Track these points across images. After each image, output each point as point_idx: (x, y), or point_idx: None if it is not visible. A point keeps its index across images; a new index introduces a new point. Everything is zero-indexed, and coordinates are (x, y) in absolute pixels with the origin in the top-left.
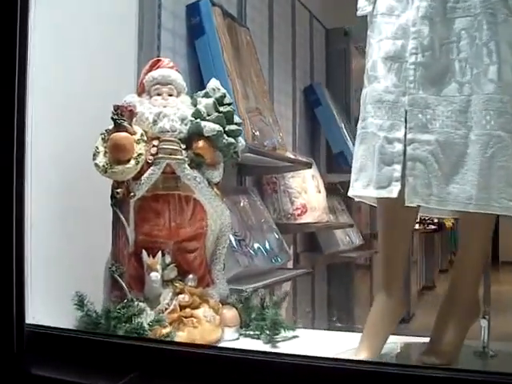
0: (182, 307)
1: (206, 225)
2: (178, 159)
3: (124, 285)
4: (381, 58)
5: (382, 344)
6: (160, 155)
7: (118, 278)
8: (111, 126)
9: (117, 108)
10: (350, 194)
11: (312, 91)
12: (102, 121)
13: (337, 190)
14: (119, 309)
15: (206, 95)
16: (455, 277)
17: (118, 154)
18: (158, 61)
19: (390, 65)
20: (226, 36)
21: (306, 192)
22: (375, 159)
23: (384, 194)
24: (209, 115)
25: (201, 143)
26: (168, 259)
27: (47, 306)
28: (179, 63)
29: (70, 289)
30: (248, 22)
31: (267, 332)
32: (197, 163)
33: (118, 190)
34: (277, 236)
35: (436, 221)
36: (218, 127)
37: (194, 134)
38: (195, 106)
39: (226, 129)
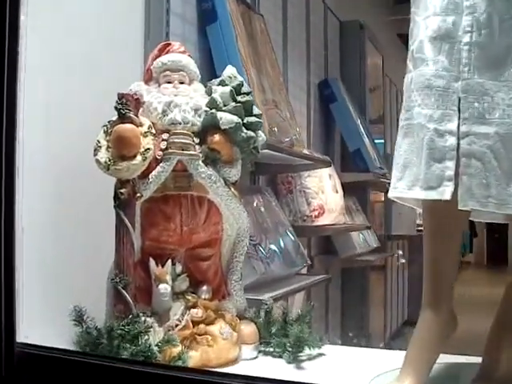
0: (195, 323)
1: (222, 229)
2: (191, 155)
3: (129, 298)
4: (428, 37)
5: (429, 369)
6: (170, 150)
7: (122, 290)
8: (115, 118)
9: (121, 96)
10: (390, 195)
11: (327, 86)
12: (104, 115)
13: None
14: (123, 325)
15: (222, 83)
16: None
17: (122, 148)
18: (168, 45)
19: (440, 45)
20: (240, 23)
21: (324, 192)
22: (423, 155)
23: (434, 195)
24: (225, 105)
25: (217, 137)
26: (179, 268)
27: (41, 322)
28: (189, 51)
29: (68, 303)
30: (261, 10)
31: (290, 350)
32: (212, 159)
33: (123, 190)
34: (293, 239)
35: None
36: (236, 119)
37: (209, 127)
38: (210, 95)
39: (245, 121)
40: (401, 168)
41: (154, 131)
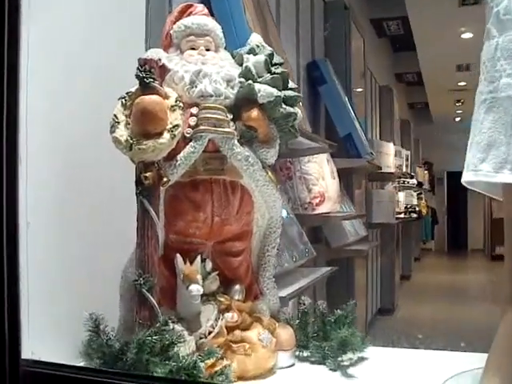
0: (230, 329)
1: (252, 219)
2: (226, 132)
3: (155, 302)
4: None
5: None
6: (202, 127)
7: (147, 293)
8: (133, 88)
9: (143, 62)
10: (468, 178)
11: (316, 67)
12: (106, 95)
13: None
14: (150, 335)
15: (252, 52)
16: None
17: (146, 124)
18: (190, 6)
19: None
20: None
21: (324, 178)
22: None
23: None
24: (260, 77)
25: (254, 112)
26: (209, 266)
27: (50, 336)
28: None
29: (81, 309)
30: None
31: (332, 355)
32: (248, 138)
33: (147, 175)
34: (297, 228)
35: (417, 209)
36: (275, 92)
37: (245, 100)
38: (241, 64)
39: (282, 95)
40: (484, 147)
41: (181, 105)
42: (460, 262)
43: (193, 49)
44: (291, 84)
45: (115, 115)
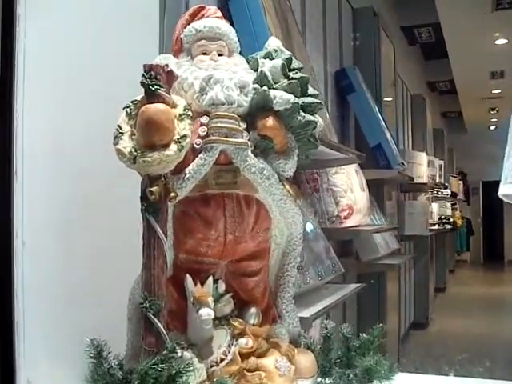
0: (244, 356)
1: (270, 236)
2: (239, 143)
3: (162, 327)
4: None
5: None
6: (212, 137)
7: (154, 317)
8: (139, 96)
9: (149, 69)
10: (505, 192)
11: (344, 75)
12: (115, 101)
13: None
14: (156, 363)
15: (269, 56)
16: None
17: (152, 135)
18: (202, 8)
19: None
20: None
21: (352, 190)
22: None
23: None
24: (276, 83)
25: (270, 121)
26: (222, 287)
27: (48, 363)
28: None
29: (81, 335)
30: None
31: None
32: (263, 149)
33: (153, 189)
34: (324, 243)
35: (451, 219)
36: (293, 98)
37: (260, 108)
38: (256, 70)
39: (301, 102)
40: None
41: (190, 113)
42: (496, 274)
43: (204, 53)
44: (311, 90)
45: (119, 125)
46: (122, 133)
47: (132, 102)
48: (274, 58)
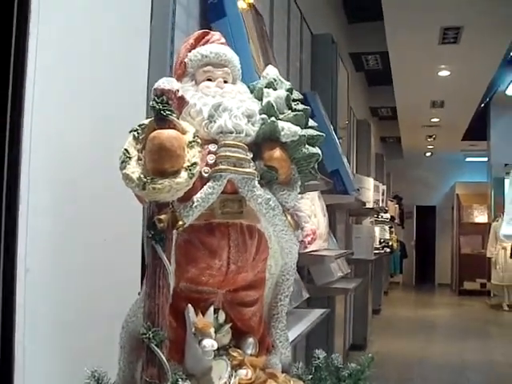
0: None
1: (266, 266)
2: (247, 173)
3: (165, 359)
4: None
5: None
6: (221, 166)
7: (157, 349)
8: (147, 120)
9: (161, 93)
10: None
11: (305, 101)
12: (108, 119)
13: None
14: None
15: (271, 86)
16: None
17: (164, 161)
18: (206, 33)
19: None
20: (250, 22)
21: (316, 215)
22: None
23: None
24: (281, 113)
25: (277, 152)
26: (222, 317)
27: None
28: None
29: (82, 365)
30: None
31: None
32: (267, 180)
33: (162, 217)
34: None
35: (390, 243)
36: (299, 131)
37: (266, 139)
38: (260, 99)
39: (306, 134)
40: None
41: (199, 141)
42: (427, 297)
43: (209, 80)
44: (311, 122)
45: (126, 149)
46: (130, 157)
47: (140, 125)
48: (276, 88)
